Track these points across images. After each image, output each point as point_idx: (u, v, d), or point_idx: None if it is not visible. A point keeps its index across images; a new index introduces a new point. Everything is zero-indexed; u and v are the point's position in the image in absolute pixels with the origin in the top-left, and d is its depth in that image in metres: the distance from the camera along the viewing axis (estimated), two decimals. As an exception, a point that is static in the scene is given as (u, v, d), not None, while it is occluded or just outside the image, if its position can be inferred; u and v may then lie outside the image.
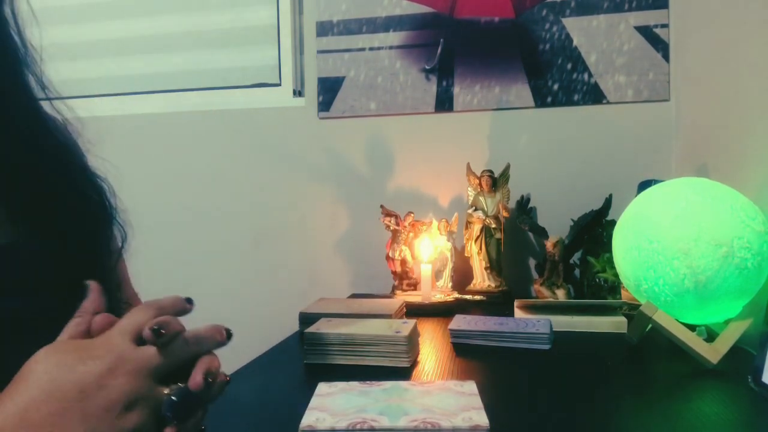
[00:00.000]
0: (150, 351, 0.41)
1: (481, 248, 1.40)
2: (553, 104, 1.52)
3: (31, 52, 0.56)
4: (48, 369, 0.39)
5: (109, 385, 0.38)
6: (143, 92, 1.78)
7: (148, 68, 1.78)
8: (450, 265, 1.43)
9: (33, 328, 0.49)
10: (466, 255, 1.44)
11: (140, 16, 1.77)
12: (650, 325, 0.86)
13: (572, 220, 1.41)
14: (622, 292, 1.22)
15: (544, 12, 1.51)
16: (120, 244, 0.64)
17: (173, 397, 0.40)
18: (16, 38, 0.54)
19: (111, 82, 1.80)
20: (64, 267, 0.52)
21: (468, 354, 0.94)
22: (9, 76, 0.53)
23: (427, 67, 1.58)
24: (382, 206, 1.46)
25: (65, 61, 1.80)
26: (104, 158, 0.64)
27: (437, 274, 1.43)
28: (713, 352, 0.81)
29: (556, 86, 1.51)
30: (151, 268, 0.90)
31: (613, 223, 1.15)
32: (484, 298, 1.35)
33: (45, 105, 0.60)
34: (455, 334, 1.00)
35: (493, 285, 1.40)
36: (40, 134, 0.56)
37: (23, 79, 0.54)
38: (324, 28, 1.64)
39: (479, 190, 1.42)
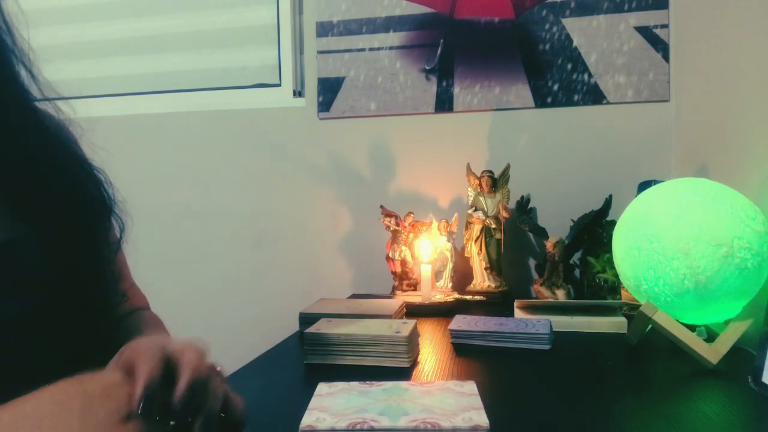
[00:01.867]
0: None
1: (481, 248, 1.40)
2: (553, 104, 1.52)
3: (24, 50, 0.56)
4: (54, 385, 0.40)
5: (115, 396, 0.39)
6: (143, 92, 1.78)
7: (148, 68, 1.78)
8: (450, 266, 1.43)
9: (29, 327, 0.49)
10: (466, 255, 1.44)
11: (140, 16, 1.77)
12: (650, 325, 0.86)
13: (572, 220, 1.41)
14: (622, 292, 1.22)
15: (544, 12, 1.51)
16: (118, 236, 0.64)
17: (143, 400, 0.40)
18: (6, 37, 0.54)
19: (111, 82, 1.80)
20: (62, 261, 0.52)
21: (468, 354, 0.94)
22: (1, 73, 0.53)
23: (427, 68, 1.58)
24: (382, 206, 1.46)
25: (66, 61, 1.80)
26: (104, 158, 0.64)
27: (437, 275, 1.43)
28: (713, 353, 0.81)
29: (556, 86, 1.51)
30: (152, 269, 0.90)
31: (613, 223, 1.15)
32: (484, 299, 1.35)
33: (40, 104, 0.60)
34: (455, 334, 0.99)
35: (493, 285, 1.40)
36: (35, 129, 0.56)
37: (15, 75, 0.54)
38: (324, 29, 1.64)
39: (479, 190, 1.42)
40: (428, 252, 1.33)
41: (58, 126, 0.61)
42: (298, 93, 1.69)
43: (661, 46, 1.46)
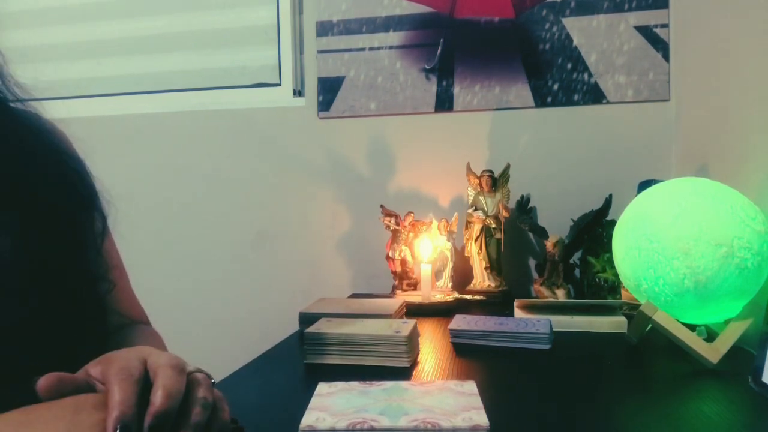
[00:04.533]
0: None
1: (481, 248, 1.40)
2: (553, 104, 1.52)
3: None
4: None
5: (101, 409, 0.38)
6: (143, 92, 1.78)
7: (147, 68, 1.78)
8: (450, 265, 1.43)
9: (14, 331, 0.48)
10: (466, 255, 1.44)
11: (140, 16, 1.77)
12: (650, 325, 0.86)
13: (572, 220, 1.41)
14: (622, 292, 1.22)
15: (544, 12, 1.51)
16: (102, 226, 0.63)
17: None
18: None
19: (111, 81, 1.80)
20: (46, 256, 0.51)
21: (468, 354, 0.94)
22: None
23: (427, 67, 1.58)
24: (382, 206, 1.46)
25: (66, 61, 1.80)
26: (105, 158, 0.64)
27: (437, 274, 1.43)
28: (713, 352, 0.81)
29: (556, 86, 1.51)
30: (151, 269, 0.90)
31: (613, 223, 1.15)
32: (484, 298, 1.35)
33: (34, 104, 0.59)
34: (455, 334, 0.99)
35: (493, 285, 1.40)
36: (6, 122, 0.55)
37: None
38: (324, 28, 1.64)
39: (479, 190, 1.42)
40: (428, 251, 1.33)
41: (32, 119, 0.59)
42: (298, 92, 1.69)
43: (661, 45, 1.46)
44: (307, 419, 0.59)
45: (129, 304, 0.73)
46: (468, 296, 1.36)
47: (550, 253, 1.32)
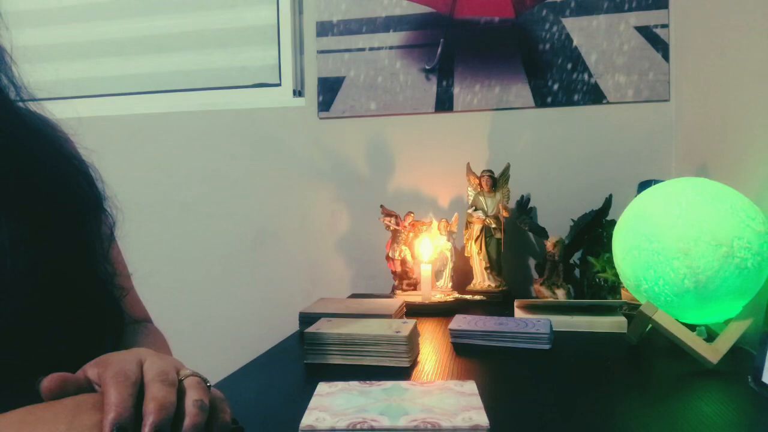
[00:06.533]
0: None
1: (481, 248, 1.40)
2: (553, 104, 1.52)
3: (5, 50, 0.55)
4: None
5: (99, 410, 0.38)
6: (143, 92, 1.78)
7: (148, 68, 1.78)
8: (450, 265, 1.43)
9: (20, 331, 0.48)
10: (466, 255, 1.44)
11: (140, 16, 1.77)
12: (650, 325, 0.86)
13: (572, 220, 1.41)
14: (622, 292, 1.22)
15: (544, 12, 1.51)
16: (110, 230, 0.63)
17: None
18: None
19: (111, 81, 1.80)
20: (54, 260, 0.51)
21: (468, 354, 0.94)
22: None
23: (427, 67, 1.58)
24: (382, 206, 1.46)
25: (66, 61, 1.80)
26: (105, 158, 0.64)
27: (437, 274, 1.43)
28: (713, 352, 0.81)
29: (556, 86, 1.51)
30: (150, 269, 0.90)
31: (613, 223, 1.15)
32: (484, 298, 1.35)
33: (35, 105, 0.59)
34: (455, 334, 0.99)
35: (493, 285, 1.40)
36: (16, 126, 0.55)
37: None
38: (324, 28, 1.64)
39: (479, 190, 1.42)
40: (428, 252, 1.33)
41: (41, 121, 0.59)
42: (298, 93, 1.69)
43: (661, 46, 1.46)
44: (307, 419, 0.59)
45: (133, 305, 0.73)
46: (468, 296, 1.35)
47: (550, 253, 1.32)
